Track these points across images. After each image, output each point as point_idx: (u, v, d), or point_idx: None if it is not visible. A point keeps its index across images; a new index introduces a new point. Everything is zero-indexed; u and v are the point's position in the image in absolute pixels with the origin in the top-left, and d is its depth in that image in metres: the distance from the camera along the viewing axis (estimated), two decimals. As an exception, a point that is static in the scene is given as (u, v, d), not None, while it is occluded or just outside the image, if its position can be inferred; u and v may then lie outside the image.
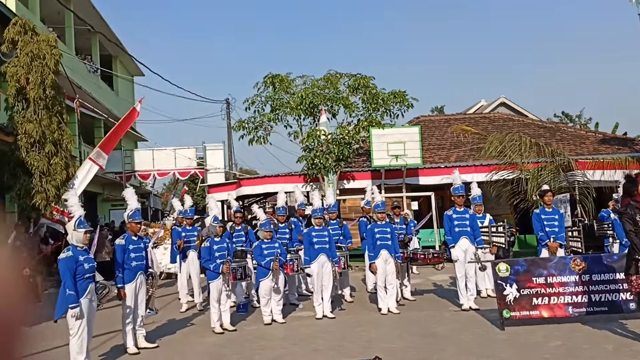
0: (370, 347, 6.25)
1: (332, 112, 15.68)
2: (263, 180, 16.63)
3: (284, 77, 15.84)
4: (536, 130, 18.39)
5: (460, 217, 8.55)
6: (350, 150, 14.84)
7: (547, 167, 12.50)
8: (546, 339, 6.26)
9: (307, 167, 14.98)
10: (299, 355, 6.12)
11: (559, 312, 6.92)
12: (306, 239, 8.44)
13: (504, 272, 7.01)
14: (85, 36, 21.17)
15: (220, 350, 6.56)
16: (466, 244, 8.41)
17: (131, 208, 7.11)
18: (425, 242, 14.24)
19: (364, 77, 15.57)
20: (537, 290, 6.95)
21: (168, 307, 9.81)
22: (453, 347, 6.17)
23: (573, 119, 34.32)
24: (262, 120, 15.72)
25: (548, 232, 8.27)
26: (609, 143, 17.63)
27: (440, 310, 8.32)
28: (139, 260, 6.85)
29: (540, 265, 7.14)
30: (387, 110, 15.43)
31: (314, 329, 7.52)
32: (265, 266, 7.90)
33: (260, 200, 20.14)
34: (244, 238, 9.61)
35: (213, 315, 7.56)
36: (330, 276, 8.26)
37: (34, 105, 12.36)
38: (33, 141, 12.24)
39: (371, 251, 8.45)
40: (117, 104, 24.02)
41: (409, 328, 7.23)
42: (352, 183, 15.57)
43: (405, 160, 14.20)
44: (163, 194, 36.81)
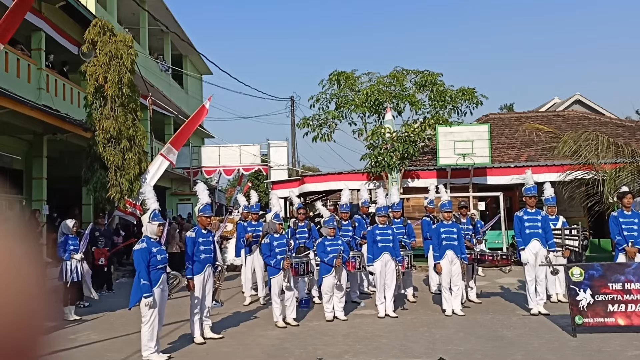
0: (435, 348, 6.16)
1: (397, 109, 15.51)
2: (326, 178, 16.73)
3: (349, 74, 15.83)
4: (614, 129, 17.38)
5: (532, 218, 8.23)
6: (415, 149, 14.64)
7: (626, 168, 11.76)
8: (623, 348, 5.93)
9: (371, 164, 14.92)
10: (361, 353, 6.12)
11: (636, 320, 6.54)
12: (370, 237, 8.42)
13: (577, 276, 6.70)
14: (158, 36, 22.11)
15: (283, 344, 6.67)
16: (537, 247, 8.09)
17: (202, 202, 7.34)
18: (492, 244, 13.83)
19: (431, 73, 15.28)
20: (614, 297, 6.60)
21: (232, 300, 10.09)
22: (521, 352, 5.97)
23: (655, 117, 32.14)
24: (326, 118, 15.80)
25: (626, 236, 7.79)
26: (695, 143, 16.38)
27: (507, 314, 8.06)
28: (207, 253, 7.09)
29: (617, 270, 6.77)
30: (455, 108, 15.09)
31: (376, 327, 7.50)
32: (328, 263, 7.95)
33: (322, 198, 20.28)
34: (307, 234, 9.72)
35: (275, 310, 7.69)
36: (393, 275, 8.20)
37: (111, 102, 13.06)
38: (109, 137, 12.94)
39: (436, 251, 8.31)
40: (186, 101, 24.95)
41: (475, 331, 7.06)
42: (417, 182, 15.35)
43: (473, 159, 13.84)
44: (227, 190, 37.84)
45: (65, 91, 14.70)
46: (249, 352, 6.42)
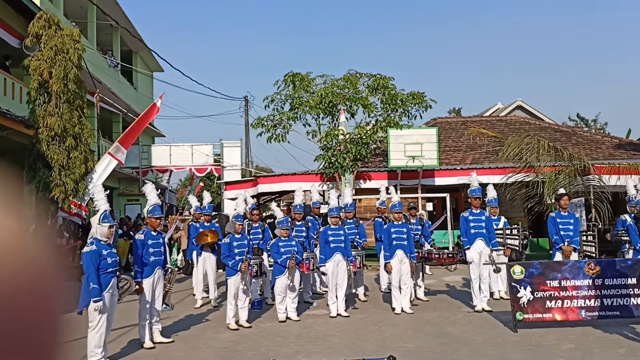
0: (385, 346, 6.35)
1: (351, 111, 15.75)
2: (280, 179, 16.77)
3: (304, 75, 15.95)
4: (552, 134, 18.30)
5: (477, 218, 8.60)
6: (367, 150, 14.91)
7: (564, 171, 12.47)
8: (559, 342, 6.31)
9: (325, 166, 15.09)
10: (313, 353, 6.22)
11: (572, 315, 6.96)
12: (322, 238, 8.54)
13: (518, 274, 7.06)
14: (107, 31, 21.48)
15: (235, 347, 6.68)
16: (481, 246, 8.46)
17: (151, 203, 7.24)
18: (439, 244, 14.27)
19: (383, 77, 15.62)
20: (551, 293, 7.00)
21: (183, 303, 9.98)
22: (466, 348, 6.25)
23: (589, 123, 34.00)
24: (280, 119, 15.85)
25: (563, 235, 8.29)
26: (624, 148, 17.49)
27: (453, 311, 8.38)
28: (157, 255, 6.98)
29: (554, 268, 7.18)
30: (406, 111, 15.47)
31: (328, 326, 7.63)
32: (282, 264, 8.01)
33: (276, 199, 20.29)
34: (261, 235, 9.75)
35: (229, 312, 7.68)
36: (345, 275, 8.36)
37: (56, 99, 12.60)
38: (54, 135, 12.48)
39: (387, 251, 8.54)
40: (136, 99, 24.35)
41: (423, 328, 7.31)
42: (369, 183, 15.65)
43: (422, 161, 14.24)
44: (178, 190, 37.17)
45: (6, 86, 14.08)
46: (200, 356, 6.40)
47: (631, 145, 18.41)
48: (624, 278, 6.97)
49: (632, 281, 6.84)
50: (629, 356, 5.65)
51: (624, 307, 6.95)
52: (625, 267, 7.06)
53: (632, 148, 17.67)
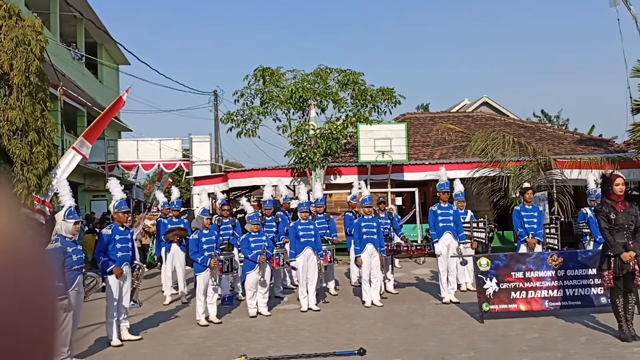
0: (355, 339, 6.41)
1: (321, 107, 15.77)
2: (250, 174, 16.69)
3: (274, 70, 15.90)
4: (517, 130, 18.74)
5: (445, 212, 8.76)
6: (338, 146, 14.98)
7: (528, 166, 12.83)
8: (523, 332, 6.49)
9: (295, 161, 15.09)
10: (284, 347, 6.25)
11: (535, 305, 7.18)
12: (292, 233, 8.56)
13: (484, 266, 7.23)
14: (71, 22, 20.91)
15: (205, 343, 6.65)
16: (449, 239, 8.63)
17: (117, 198, 7.12)
18: (408, 237, 14.47)
19: (353, 73, 15.70)
20: (516, 285, 7.20)
21: (152, 300, 9.86)
22: (435, 339, 6.38)
23: (552, 119, 34.94)
24: (251, 113, 15.77)
25: (527, 228, 8.53)
26: (585, 143, 18.07)
27: (422, 304, 8.53)
28: (124, 251, 6.88)
29: (519, 260, 7.38)
30: (375, 107, 15.59)
31: (298, 321, 7.67)
32: (252, 259, 8.00)
33: (246, 194, 20.19)
34: (231, 231, 9.70)
35: (198, 308, 7.63)
36: (315, 269, 8.41)
37: (17, 92, 12.20)
38: (15, 129, 12.09)
39: (357, 245, 8.62)
40: (101, 92, 23.80)
41: (392, 320, 7.42)
42: (339, 178, 15.73)
43: (391, 156, 14.40)
44: (146, 186, 36.57)
45: (-36, 79, 13.55)
46: (170, 353, 6.35)
47: (591, 140, 19.02)
48: (585, 269, 7.23)
49: (593, 272, 7.09)
50: (590, 344, 5.86)
51: (585, 297, 7.22)
52: (586, 259, 7.32)
53: (592, 143, 18.26)
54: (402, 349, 5.98)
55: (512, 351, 5.72)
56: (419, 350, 5.91)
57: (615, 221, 5.92)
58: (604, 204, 6.15)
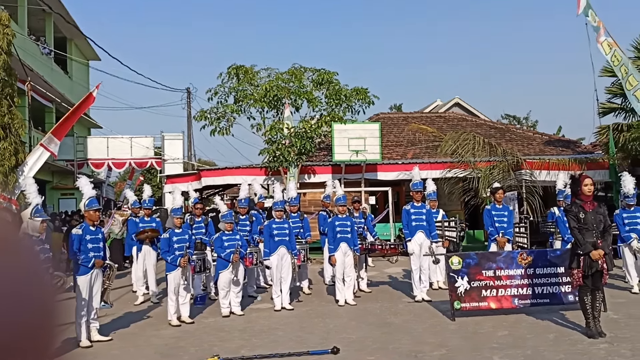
0: (329, 338, 6.43)
1: (295, 105, 15.76)
2: (224, 172, 16.54)
3: (248, 68, 15.80)
4: (487, 131, 19.06)
5: (418, 211, 8.85)
6: (312, 145, 14.98)
7: (498, 166, 13.08)
8: (494, 329, 6.61)
9: (269, 159, 15.03)
10: (257, 347, 6.21)
11: (505, 303, 7.31)
12: (266, 231, 8.53)
13: (456, 265, 7.33)
14: (39, 16, 20.38)
15: (177, 343, 6.57)
16: (422, 238, 8.72)
17: (87, 196, 6.97)
18: (381, 236, 14.57)
19: (327, 72, 15.73)
20: (486, 283, 7.31)
21: (122, 300, 9.69)
22: (407, 337, 6.44)
23: (520, 121, 35.67)
24: (224, 111, 15.64)
25: (498, 227, 8.69)
26: (554, 145, 18.50)
27: (395, 302, 8.60)
28: (96, 251, 6.75)
29: (490, 258, 7.51)
30: (349, 107, 15.65)
31: (272, 320, 7.64)
32: (225, 258, 7.94)
33: (219, 192, 20.03)
34: (204, 230, 9.61)
35: (170, 308, 7.53)
36: (289, 268, 8.39)
37: (-18, 87, 11.87)
38: (-19, 125, 11.76)
39: (331, 244, 8.63)
40: (70, 88, 23.26)
41: (366, 319, 7.46)
42: (313, 177, 15.73)
43: (365, 155, 14.47)
44: (116, 184, 35.92)
45: None
46: (141, 353, 6.25)
47: (560, 142, 19.49)
48: (554, 267, 7.39)
49: (561, 270, 7.26)
50: (558, 341, 6.00)
51: (553, 295, 7.38)
52: (555, 257, 7.49)
53: (560, 144, 18.71)
54: (375, 347, 6.02)
55: (482, 348, 5.81)
56: (391, 348, 5.95)
57: (584, 221, 6.07)
58: (573, 204, 6.30)
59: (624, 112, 15.52)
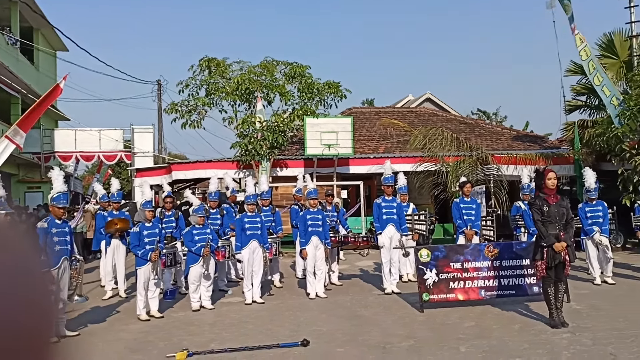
0: (299, 331, 6.47)
1: (267, 99, 15.69)
2: (195, 166, 16.39)
3: (220, 61, 15.66)
4: (457, 126, 19.34)
5: (389, 205, 8.95)
6: (284, 138, 14.95)
7: (466, 161, 13.32)
8: (461, 320, 6.75)
9: (241, 153, 14.95)
10: (227, 340, 6.21)
11: (472, 295, 7.47)
12: (238, 225, 8.50)
13: (425, 257, 7.45)
14: (4, 5, 19.76)
15: (146, 337, 6.51)
16: (392, 231, 8.83)
17: (56, 191, 6.83)
18: (353, 230, 14.68)
19: (300, 65, 15.70)
20: (454, 275, 7.46)
21: (90, 294, 9.52)
22: (377, 328, 6.52)
23: (490, 116, 36.29)
24: (196, 104, 15.47)
25: (465, 220, 8.87)
26: (521, 140, 18.89)
27: (365, 295, 8.69)
28: (62, 244, 6.64)
29: (457, 251, 7.65)
30: (322, 100, 15.66)
31: (242, 314, 7.64)
32: (196, 252, 7.89)
33: (190, 186, 19.84)
34: (174, 224, 9.52)
35: (139, 303, 7.45)
36: (260, 262, 8.39)
37: (-57, 77, 11.48)
38: (-58, 116, 11.38)
39: (302, 237, 8.66)
40: (37, 79, 22.64)
41: (336, 312, 7.52)
42: (285, 171, 15.71)
43: (337, 149, 14.53)
44: (85, 177, 35.20)
45: None
46: (110, 348, 6.18)
47: (527, 137, 19.91)
48: (519, 259, 7.58)
49: (526, 262, 7.45)
50: (523, 331, 6.17)
51: (519, 287, 7.58)
52: (521, 250, 7.68)
53: (528, 140, 19.11)
54: (345, 339, 6.09)
55: (449, 339, 5.94)
56: (361, 340, 6.03)
57: (548, 213, 6.24)
58: (537, 198, 6.47)
59: (589, 109, 15.99)
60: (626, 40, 14.99)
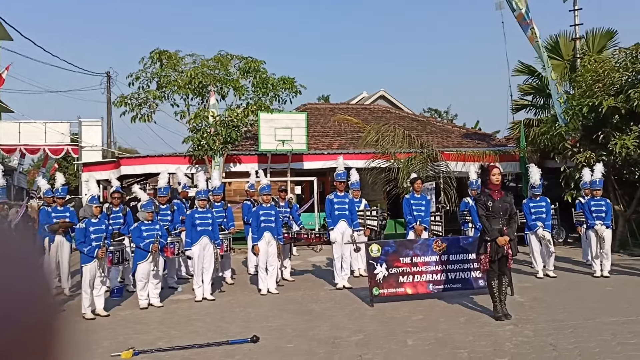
0: (249, 327, 6.43)
1: (221, 93, 15.48)
2: (145, 160, 15.98)
3: (172, 53, 15.33)
4: (410, 123, 19.66)
5: (341, 201, 9.01)
6: (238, 133, 14.80)
7: (417, 157, 13.59)
8: (409, 314, 6.88)
9: (194, 148, 14.70)
10: (175, 338, 6.10)
11: (421, 289, 7.63)
12: (188, 221, 8.36)
13: (375, 252, 7.55)
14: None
15: (92, 337, 6.32)
16: (344, 227, 8.90)
17: (-8, 186, 6.53)
18: (306, 226, 14.71)
19: (254, 60, 15.56)
20: (404, 269, 7.60)
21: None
22: (327, 323, 6.56)
23: (441, 114, 37.13)
24: (146, 97, 15.09)
25: (415, 216, 9.04)
26: (470, 137, 19.42)
27: (316, 290, 8.73)
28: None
29: (407, 246, 7.79)
30: (276, 96, 15.59)
31: (192, 311, 7.53)
32: (144, 248, 7.71)
33: (141, 182, 19.34)
34: (122, 220, 9.26)
35: (84, 301, 7.22)
36: (211, 258, 8.28)
37: None
38: None
39: (255, 233, 8.61)
40: (-25, 69, 21.50)
41: (287, 307, 7.52)
42: (239, 166, 15.56)
43: (291, 145, 14.50)
44: (30, 172, 33.81)
45: None
46: (52, 348, 5.95)
47: (476, 135, 20.48)
48: (466, 254, 7.80)
49: (473, 256, 7.66)
50: (468, 324, 6.34)
51: (465, 280, 7.80)
52: (467, 244, 7.90)
53: (477, 137, 19.66)
54: (295, 335, 6.09)
55: (397, 332, 6.04)
56: (311, 335, 6.05)
57: (492, 209, 6.44)
58: (482, 193, 6.67)
59: (534, 108, 16.60)
60: (571, 42, 15.61)
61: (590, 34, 15.48)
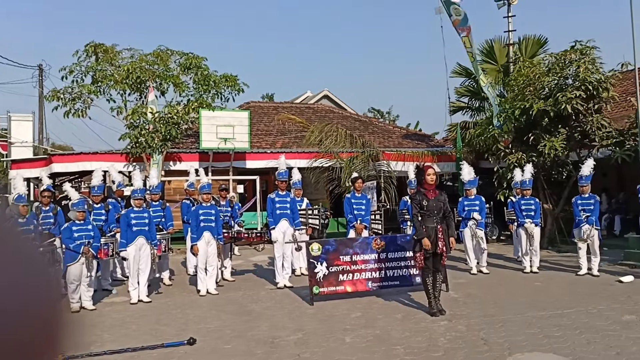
0: (186, 329, 6.30)
1: (161, 89, 15.06)
2: (79, 157, 15.29)
3: (108, 47, 14.75)
4: (352, 123, 19.90)
5: (282, 200, 9.00)
6: (178, 131, 14.45)
7: (359, 157, 13.78)
8: (348, 312, 6.96)
9: (131, 145, 14.22)
10: (108, 342, 5.88)
11: (360, 286, 7.74)
12: (123, 221, 8.08)
13: (316, 251, 7.58)
14: None
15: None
16: (285, 226, 8.89)
17: None
18: (248, 225, 14.58)
19: (196, 56, 15.24)
20: (344, 268, 7.67)
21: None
22: (266, 323, 6.53)
23: (384, 114, 37.87)
24: (80, 92, 14.45)
25: (356, 214, 9.16)
26: (410, 138, 19.90)
27: (257, 290, 8.67)
28: None
29: (347, 244, 7.88)
30: (218, 93, 15.33)
31: (127, 314, 7.29)
32: (75, 249, 7.38)
33: (75, 180, 18.54)
34: (53, 220, 8.84)
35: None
36: (148, 259, 8.05)
37: None
38: None
39: (194, 233, 8.45)
40: None
41: (227, 308, 7.42)
42: (179, 164, 15.18)
43: (234, 143, 14.32)
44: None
45: None
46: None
47: (416, 135, 21.01)
48: (404, 251, 7.97)
49: (410, 254, 7.83)
50: (405, 320, 6.49)
51: (403, 277, 7.97)
52: (405, 242, 8.07)
53: (416, 138, 20.16)
54: (233, 335, 6.02)
55: (337, 330, 6.09)
56: (249, 335, 6.00)
57: (427, 207, 6.62)
58: (417, 192, 6.84)
59: (470, 111, 17.21)
60: (505, 48, 16.29)
61: (523, 41, 16.21)
